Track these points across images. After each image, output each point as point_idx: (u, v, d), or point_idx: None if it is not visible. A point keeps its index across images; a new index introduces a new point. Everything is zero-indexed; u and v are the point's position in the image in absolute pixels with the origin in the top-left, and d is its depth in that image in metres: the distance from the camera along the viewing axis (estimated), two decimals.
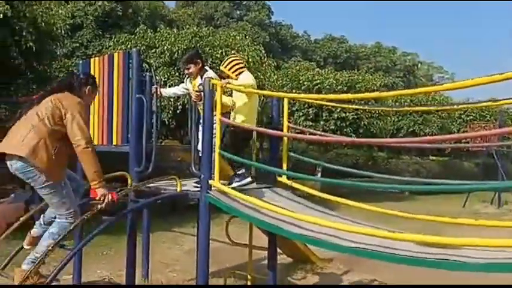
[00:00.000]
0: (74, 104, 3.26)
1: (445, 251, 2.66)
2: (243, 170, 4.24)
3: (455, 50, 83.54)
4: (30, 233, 3.38)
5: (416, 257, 2.61)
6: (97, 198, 3.18)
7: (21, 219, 3.87)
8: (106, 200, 3.21)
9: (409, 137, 16.52)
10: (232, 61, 4.47)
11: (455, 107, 12.01)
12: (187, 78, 4.68)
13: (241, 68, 4.45)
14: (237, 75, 4.35)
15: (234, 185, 4.06)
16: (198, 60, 4.46)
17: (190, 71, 4.47)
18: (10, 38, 6.70)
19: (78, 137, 3.13)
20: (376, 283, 5.85)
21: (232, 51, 10.87)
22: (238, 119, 4.29)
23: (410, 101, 18.29)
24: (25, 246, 3.39)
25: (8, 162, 3.17)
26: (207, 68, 4.55)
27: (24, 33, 6.83)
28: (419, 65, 43.95)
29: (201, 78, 4.33)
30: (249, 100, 4.32)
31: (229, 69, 4.38)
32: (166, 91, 4.95)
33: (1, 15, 6.31)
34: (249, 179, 4.19)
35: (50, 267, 4.20)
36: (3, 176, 3.77)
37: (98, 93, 3.94)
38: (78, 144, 3.13)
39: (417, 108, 15.17)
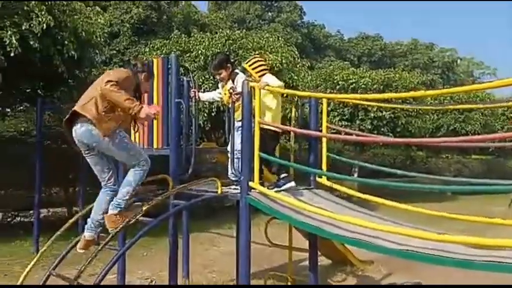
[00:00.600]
0: (117, 73, 3.45)
1: (492, 252, 2.56)
2: (286, 174, 4.23)
3: (495, 45, 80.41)
4: (84, 236, 3.50)
5: (463, 260, 2.53)
6: (144, 116, 3.28)
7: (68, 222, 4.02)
8: (155, 112, 3.33)
9: (449, 135, 16.00)
10: (256, 61, 4.46)
11: (498, 104, 11.52)
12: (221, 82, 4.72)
13: (265, 69, 4.44)
14: (259, 76, 4.33)
15: (282, 188, 4.05)
16: (229, 65, 4.50)
17: (221, 76, 4.49)
18: (53, 47, 6.96)
19: (104, 81, 3.27)
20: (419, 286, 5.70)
21: (265, 53, 10.92)
22: (268, 120, 4.24)
23: (451, 98, 17.71)
24: (79, 250, 3.50)
25: (73, 132, 3.44)
26: (237, 71, 4.57)
27: (66, 42, 7.08)
28: (458, 61, 42.54)
29: (232, 82, 4.38)
30: (274, 102, 4.30)
31: (253, 69, 4.36)
32: (204, 96, 4.98)
33: (44, 25, 6.57)
34: (293, 183, 4.18)
35: (96, 268, 4.35)
36: None
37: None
38: (102, 87, 3.27)
39: (458, 106, 14.66)
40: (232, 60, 4.71)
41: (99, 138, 3.34)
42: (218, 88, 4.84)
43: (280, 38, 13.19)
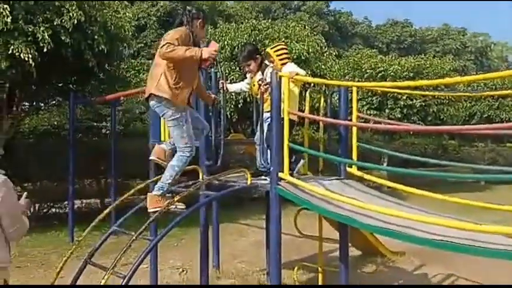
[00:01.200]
0: (171, 34, 3.54)
1: None
2: (295, 157, 4.26)
3: None
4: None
5: (502, 250, 2.45)
6: (207, 56, 3.43)
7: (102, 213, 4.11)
8: (215, 48, 3.50)
9: (483, 123, 15.51)
10: (282, 49, 4.45)
11: None
12: (248, 73, 4.68)
13: (288, 58, 4.44)
14: (282, 64, 4.33)
15: (296, 169, 4.08)
16: (258, 56, 4.47)
17: (251, 67, 4.47)
18: (84, 42, 7.09)
19: (161, 46, 3.40)
20: (452, 278, 5.59)
21: (292, 43, 10.81)
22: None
23: (484, 84, 17.15)
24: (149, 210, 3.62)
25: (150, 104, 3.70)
26: (267, 62, 4.52)
27: (96, 37, 7.19)
28: (492, 46, 41.05)
29: (262, 73, 4.34)
30: (293, 91, 4.28)
31: (277, 55, 4.36)
32: (232, 87, 4.98)
33: (75, 20, 6.69)
34: (302, 161, 4.25)
35: (129, 258, 4.45)
36: None
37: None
38: (161, 53, 3.40)
39: (493, 92, 14.14)
40: (261, 48, 4.69)
41: (167, 111, 3.56)
42: (246, 79, 4.83)
43: (306, 27, 13.04)
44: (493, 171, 5.31)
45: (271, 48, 4.48)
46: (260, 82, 4.13)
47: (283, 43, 4.81)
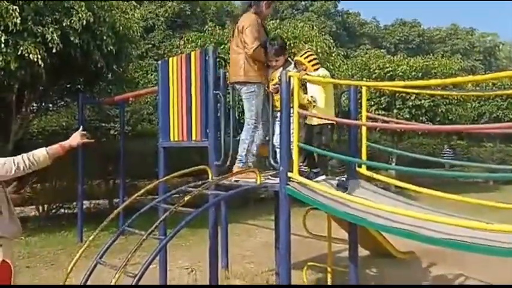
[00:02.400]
0: (246, 21, 4.15)
1: None
2: (319, 169, 4.22)
3: None
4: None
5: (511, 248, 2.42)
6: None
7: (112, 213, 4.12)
8: None
9: (492, 123, 15.39)
10: (311, 54, 4.41)
11: None
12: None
13: (318, 63, 4.38)
14: (315, 69, 4.27)
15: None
16: (285, 51, 4.43)
17: (279, 63, 4.34)
18: (93, 42, 7.13)
19: (247, 43, 4.12)
20: (462, 278, 5.55)
21: (300, 43, 10.79)
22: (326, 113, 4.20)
23: (493, 84, 16.99)
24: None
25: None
26: (290, 60, 4.47)
27: (105, 38, 7.23)
28: (500, 45, 40.73)
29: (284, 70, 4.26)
30: (325, 94, 4.23)
31: (309, 61, 4.29)
32: None
33: (84, 21, 6.74)
34: (323, 177, 4.16)
35: (137, 258, 4.46)
36: None
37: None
38: (246, 49, 4.14)
39: (501, 92, 14.00)
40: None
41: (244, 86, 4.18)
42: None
43: (314, 27, 13.02)
44: (502, 170, 5.26)
45: (302, 56, 4.39)
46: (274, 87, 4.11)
47: (310, 50, 4.77)
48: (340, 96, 5.04)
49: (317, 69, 4.28)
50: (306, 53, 4.42)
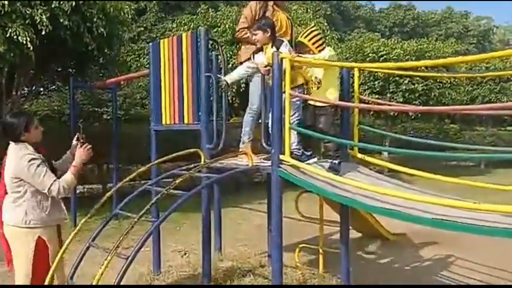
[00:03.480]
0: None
1: None
2: (311, 151, 4.20)
3: None
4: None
5: (500, 228, 2.46)
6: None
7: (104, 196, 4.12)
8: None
9: None
10: (313, 31, 4.12)
11: None
12: (255, 53, 4.48)
13: (323, 43, 4.12)
14: (319, 50, 4.05)
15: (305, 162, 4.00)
16: (268, 29, 4.15)
17: (256, 37, 4.19)
18: (83, 24, 7.01)
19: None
20: (451, 259, 5.65)
21: (294, 26, 10.69)
22: (329, 95, 4.06)
23: (486, 68, 17.03)
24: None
25: None
26: (283, 39, 4.25)
27: (95, 19, 7.11)
28: (494, 29, 40.67)
29: (277, 49, 4.14)
30: (333, 76, 4.12)
31: (313, 43, 4.06)
32: (231, 77, 4.51)
33: (73, 2, 6.61)
34: (315, 159, 4.14)
35: (131, 241, 4.47)
36: None
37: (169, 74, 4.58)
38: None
39: (494, 73, 14.01)
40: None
41: None
42: (252, 59, 4.45)
43: (308, 10, 12.91)
44: (492, 152, 5.31)
45: (304, 37, 4.10)
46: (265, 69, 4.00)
47: (313, 26, 4.58)
48: None
49: (321, 49, 4.07)
50: (308, 33, 4.12)
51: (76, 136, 3.53)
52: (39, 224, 3.13)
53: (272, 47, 4.14)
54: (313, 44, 4.06)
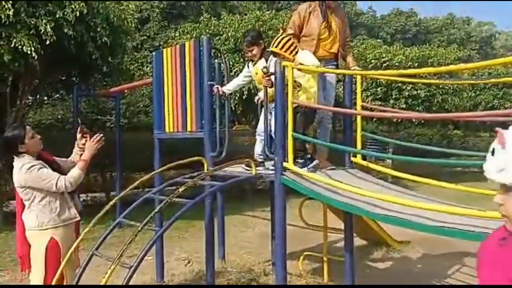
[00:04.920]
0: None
1: None
2: (310, 155, 4.18)
3: None
4: None
5: None
6: None
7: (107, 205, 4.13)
8: None
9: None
10: (283, 39, 4.07)
11: None
12: (249, 62, 4.56)
13: (296, 46, 4.11)
14: (293, 55, 4.04)
15: (309, 167, 3.99)
16: (261, 42, 4.32)
17: (253, 53, 4.29)
18: (86, 34, 7.07)
19: None
20: (456, 267, 5.60)
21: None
22: (303, 99, 4.02)
23: (489, 73, 17.01)
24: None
25: None
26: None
27: (99, 29, 7.16)
28: (497, 35, 40.65)
29: (266, 60, 4.22)
30: (312, 79, 4.16)
31: (285, 51, 4.01)
32: (229, 87, 4.52)
33: (78, 12, 6.67)
34: (316, 161, 4.13)
35: (134, 250, 4.47)
36: None
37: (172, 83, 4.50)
38: None
39: (496, 80, 13.99)
40: (265, 39, 4.53)
41: None
42: (247, 68, 4.58)
43: None
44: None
45: (275, 47, 4.04)
46: (265, 70, 3.99)
47: (282, 33, 4.53)
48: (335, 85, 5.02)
49: (296, 52, 4.06)
50: (278, 42, 4.05)
51: (79, 129, 3.67)
52: (51, 225, 3.27)
53: (261, 58, 4.23)
54: (286, 51, 4.02)
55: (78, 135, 3.66)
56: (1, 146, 3.38)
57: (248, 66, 4.48)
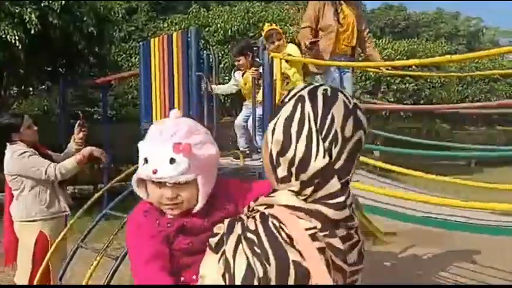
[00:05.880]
0: None
1: None
2: None
3: None
4: None
5: (489, 226, 2.48)
6: None
7: (94, 196, 4.09)
8: None
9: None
10: (273, 32, 4.20)
11: None
12: (236, 71, 4.58)
13: (282, 40, 4.21)
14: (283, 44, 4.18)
15: None
16: (249, 53, 4.30)
17: (240, 63, 4.34)
18: (72, 23, 6.97)
19: None
20: (441, 257, 5.69)
21: (286, 26, 10.71)
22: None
23: (476, 68, 17.20)
24: None
25: None
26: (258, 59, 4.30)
27: (85, 19, 7.07)
28: (484, 30, 41.03)
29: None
30: (297, 74, 4.18)
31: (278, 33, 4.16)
32: (218, 88, 4.59)
33: (63, 1, 6.57)
34: None
35: (122, 241, 4.44)
36: None
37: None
38: None
39: (481, 73, 14.14)
40: (254, 48, 4.43)
41: None
42: (232, 79, 4.63)
43: (300, 10, 12.91)
44: (483, 149, 5.37)
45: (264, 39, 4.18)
46: (254, 72, 4.02)
47: (269, 26, 4.54)
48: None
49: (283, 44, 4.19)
50: (266, 33, 4.20)
51: (78, 123, 3.58)
52: (39, 217, 3.20)
53: (250, 68, 4.21)
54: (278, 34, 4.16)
55: (76, 129, 3.53)
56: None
57: (235, 76, 4.52)
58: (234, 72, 4.59)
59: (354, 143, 0.90)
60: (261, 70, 3.80)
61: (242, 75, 4.43)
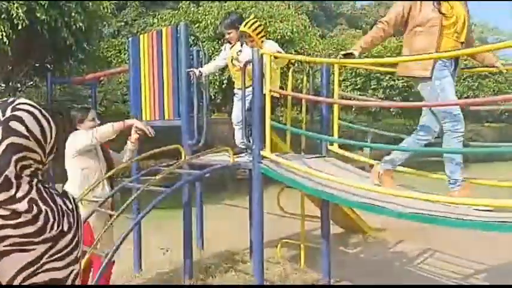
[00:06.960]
0: None
1: (504, 214, 2.56)
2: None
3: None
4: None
5: (474, 221, 2.52)
6: None
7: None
8: None
9: None
10: (259, 25, 4.19)
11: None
12: (226, 44, 4.61)
13: (264, 35, 4.22)
14: (261, 42, 4.14)
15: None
16: (239, 26, 4.28)
17: (230, 35, 4.40)
18: (60, 19, 6.87)
19: None
20: (429, 252, 5.75)
21: (276, 22, 10.71)
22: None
23: (465, 65, 17.34)
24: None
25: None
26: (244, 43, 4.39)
27: (73, 14, 6.98)
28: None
29: (241, 45, 4.27)
30: (277, 69, 4.21)
31: (257, 34, 4.11)
32: (207, 68, 4.57)
33: None
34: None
35: (114, 238, 4.42)
36: None
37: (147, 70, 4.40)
38: None
39: (472, 69, 14.28)
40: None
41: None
42: (224, 50, 4.62)
43: (290, 7, 12.92)
44: (471, 146, 5.45)
45: (248, 27, 4.11)
46: (235, 62, 4.04)
47: (254, 18, 4.56)
48: (313, 74, 5.04)
49: (263, 41, 4.17)
50: (251, 23, 4.17)
51: (135, 124, 3.75)
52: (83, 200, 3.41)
53: (238, 41, 4.29)
54: (257, 34, 4.13)
55: (133, 130, 3.72)
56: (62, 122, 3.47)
57: (225, 49, 4.55)
58: (225, 46, 4.62)
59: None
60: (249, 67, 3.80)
61: (230, 48, 4.47)
